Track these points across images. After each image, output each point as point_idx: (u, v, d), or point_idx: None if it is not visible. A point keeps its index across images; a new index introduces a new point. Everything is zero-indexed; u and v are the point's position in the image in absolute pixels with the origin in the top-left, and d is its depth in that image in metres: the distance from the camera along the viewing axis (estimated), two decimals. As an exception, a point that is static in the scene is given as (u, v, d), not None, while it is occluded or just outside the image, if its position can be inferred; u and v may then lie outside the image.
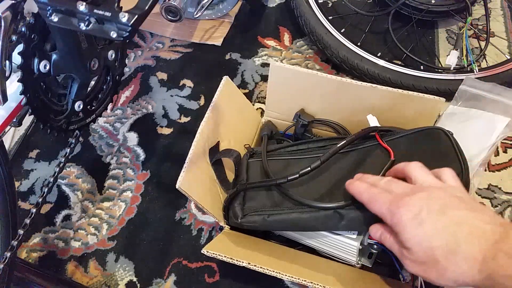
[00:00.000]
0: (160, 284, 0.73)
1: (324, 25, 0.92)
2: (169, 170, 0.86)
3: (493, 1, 1.06)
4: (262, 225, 0.59)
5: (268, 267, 0.55)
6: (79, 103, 0.64)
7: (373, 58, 0.89)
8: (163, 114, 0.93)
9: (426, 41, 0.99)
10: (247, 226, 0.61)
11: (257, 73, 0.98)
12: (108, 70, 0.69)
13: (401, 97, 0.64)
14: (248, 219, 0.60)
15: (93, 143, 0.90)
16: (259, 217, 0.59)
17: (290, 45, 1.02)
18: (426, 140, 0.58)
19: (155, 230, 0.79)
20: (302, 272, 0.56)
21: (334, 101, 0.69)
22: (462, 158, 0.53)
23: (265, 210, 0.60)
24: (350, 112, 0.69)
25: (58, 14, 0.47)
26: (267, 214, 0.59)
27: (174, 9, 0.70)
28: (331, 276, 0.57)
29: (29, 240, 0.80)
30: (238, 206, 0.62)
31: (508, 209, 0.76)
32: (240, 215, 0.61)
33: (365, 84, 0.64)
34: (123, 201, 0.83)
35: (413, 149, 0.58)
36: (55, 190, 0.85)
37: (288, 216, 0.57)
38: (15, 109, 0.58)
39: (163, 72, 0.99)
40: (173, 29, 1.06)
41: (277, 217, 0.58)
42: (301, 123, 0.71)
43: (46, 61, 0.55)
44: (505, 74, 0.85)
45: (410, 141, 0.59)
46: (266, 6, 1.09)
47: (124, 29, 0.45)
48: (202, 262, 0.75)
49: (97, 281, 0.74)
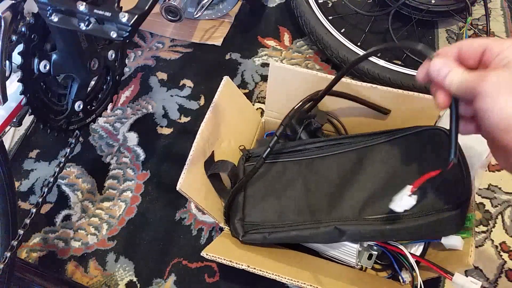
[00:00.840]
0: (160, 284, 0.73)
1: (324, 25, 0.92)
2: (169, 170, 0.86)
3: (493, 1, 1.06)
4: (263, 242, 0.60)
5: (267, 270, 0.55)
6: (79, 103, 0.64)
7: (373, 58, 0.88)
8: (163, 114, 0.93)
9: (426, 41, 0.99)
10: (248, 243, 0.62)
11: (257, 73, 0.98)
12: (108, 70, 0.69)
13: (401, 97, 0.63)
14: (249, 237, 0.61)
15: (93, 143, 0.90)
16: (259, 235, 0.60)
17: (290, 45, 1.02)
18: (425, 140, 0.58)
19: (155, 230, 0.79)
20: (301, 275, 0.56)
21: (334, 101, 0.69)
22: (463, 162, 0.52)
23: (265, 227, 0.60)
24: (350, 112, 0.69)
25: (58, 14, 0.47)
26: (267, 232, 0.59)
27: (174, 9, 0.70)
28: (330, 278, 0.58)
29: (29, 240, 0.80)
30: (238, 223, 0.62)
31: (508, 209, 0.76)
32: (241, 234, 0.61)
33: (365, 84, 0.64)
34: (123, 201, 0.82)
35: (412, 150, 0.58)
36: (55, 190, 0.85)
37: (288, 234, 0.58)
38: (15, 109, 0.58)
39: (163, 72, 0.99)
40: (173, 29, 1.06)
41: (277, 235, 0.59)
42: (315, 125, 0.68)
43: (46, 61, 0.55)
44: (505, 74, 0.85)
45: (408, 141, 0.59)
46: (266, 6, 1.09)
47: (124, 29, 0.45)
48: (202, 262, 0.75)
49: (97, 281, 0.74)
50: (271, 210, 0.61)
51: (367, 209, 0.54)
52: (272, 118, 0.77)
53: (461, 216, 0.52)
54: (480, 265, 0.71)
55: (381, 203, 0.54)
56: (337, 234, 0.55)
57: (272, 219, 0.60)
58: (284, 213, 0.60)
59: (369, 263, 0.63)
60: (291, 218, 0.59)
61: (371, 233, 0.53)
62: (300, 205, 0.60)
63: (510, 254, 0.72)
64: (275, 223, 0.60)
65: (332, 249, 0.63)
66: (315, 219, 0.57)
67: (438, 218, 0.50)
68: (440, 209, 0.50)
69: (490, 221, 0.75)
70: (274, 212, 0.61)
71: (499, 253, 0.72)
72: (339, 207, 0.57)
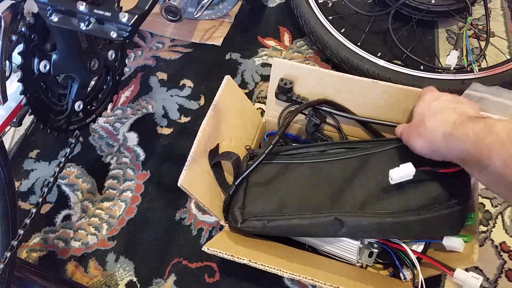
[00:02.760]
0: (160, 284, 0.73)
1: (324, 25, 0.92)
2: (169, 170, 0.86)
3: (493, 1, 1.06)
4: (262, 231, 0.60)
5: (268, 265, 0.55)
6: (79, 103, 0.64)
7: (373, 58, 0.88)
8: (163, 114, 0.93)
9: (426, 41, 0.99)
10: (246, 230, 0.61)
11: (257, 73, 0.98)
12: (108, 70, 0.69)
13: (402, 92, 0.64)
14: (248, 224, 0.60)
15: (93, 143, 0.90)
16: (259, 222, 0.59)
17: (290, 45, 1.02)
18: None
19: (155, 230, 0.79)
20: (303, 270, 0.56)
21: (335, 97, 0.69)
22: None
23: (265, 215, 0.60)
24: (352, 108, 0.69)
25: (58, 14, 0.47)
26: (267, 219, 0.59)
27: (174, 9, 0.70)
28: (331, 274, 0.58)
29: (29, 240, 0.79)
30: (237, 211, 0.62)
31: (508, 209, 0.76)
32: (240, 220, 0.61)
33: (367, 79, 0.65)
34: (123, 201, 0.83)
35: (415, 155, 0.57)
36: (55, 190, 0.85)
37: (289, 222, 0.58)
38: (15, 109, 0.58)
39: (163, 72, 0.99)
40: (173, 29, 1.06)
41: (277, 222, 0.58)
42: (313, 122, 0.69)
43: (46, 61, 0.55)
44: (505, 74, 0.85)
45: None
46: (266, 6, 1.09)
47: (124, 29, 0.45)
48: (202, 262, 0.75)
49: (97, 281, 0.74)
50: (272, 202, 0.61)
51: (367, 206, 0.55)
52: (273, 118, 0.77)
53: (461, 214, 0.52)
54: (480, 265, 0.71)
55: (382, 202, 0.54)
56: (337, 225, 0.55)
57: (272, 209, 0.60)
58: (284, 206, 0.60)
59: (369, 260, 0.63)
60: (292, 210, 0.59)
61: (371, 226, 0.53)
62: (301, 200, 0.60)
63: (510, 254, 0.72)
64: (275, 212, 0.59)
65: (333, 246, 0.63)
66: (316, 211, 0.57)
67: (439, 214, 0.51)
68: (441, 206, 0.51)
69: (490, 221, 0.75)
70: (274, 204, 0.61)
71: (499, 253, 0.72)
72: (340, 203, 0.57)
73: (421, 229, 0.53)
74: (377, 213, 0.53)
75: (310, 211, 0.57)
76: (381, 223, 0.53)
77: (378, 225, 0.53)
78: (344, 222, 0.54)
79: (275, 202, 0.61)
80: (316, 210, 0.57)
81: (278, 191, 0.62)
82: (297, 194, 0.61)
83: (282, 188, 0.63)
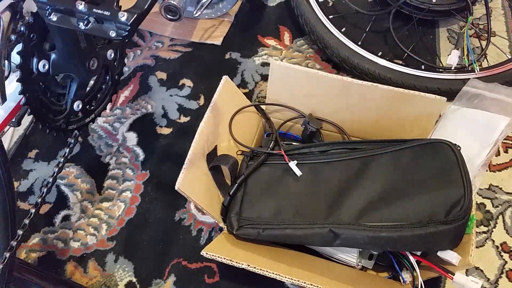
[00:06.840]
0: (160, 284, 0.73)
1: (325, 24, 0.92)
2: (168, 170, 0.85)
3: (494, 0, 1.06)
4: (257, 239, 0.60)
5: (268, 269, 0.54)
6: (78, 103, 0.64)
7: (374, 57, 0.88)
8: (162, 114, 0.93)
9: (427, 40, 0.99)
10: (242, 237, 0.62)
11: (257, 73, 0.97)
12: (107, 70, 0.68)
13: (402, 96, 0.63)
14: (243, 232, 0.61)
15: (92, 143, 0.90)
16: (253, 230, 0.60)
17: (290, 44, 1.01)
18: (431, 154, 0.57)
19: (154, 230, 0.79)
20: (302, 274, 0.55)
21: (334, 100, 0.69)
22: (466, 179, 0.52)
23: (260, 223, 0.60)
24: (351, 111, 0.69)
25: (57, 13, 0.47)
26: (261, 228, 0.59)
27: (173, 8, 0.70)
28: (331, 278, 0.57)
29: (28, 241, 0.79)
30: (234, 217, 0.62)
31: (509, 209, 0.76)
32: (235, 227, 0.61)
33: (366, 83, 0.64)
34: (123, 201, 0.82)
35: (416, 163, 0.57)
36: (54, 190, 0.85)
37: (283, 231, 0.58)
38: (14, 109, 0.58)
39: (162, 72, 0.99)
40: (172, 28, 1.05)
41: (271, 231, 0.59)
42: (310, 130, 0.69)
43: (45, 61, 0.54)
44: (506, 74, 0.85)
45: (413, 154, 0.58)
46: (266, 5, 1.09)
47: (123, 28, 0.45)
48: (202, 262, 0.74)
49: (97, 282, 0.74)
50: (268, 209, 0.61)
51: (364, 217, 0.54)
52: (273, 118, 0.77)
53: (457, 232, 0.51)
54: (481, 265, 0.71)
55: (379, 212, 0.54)
56: (331, 237, 0.55)
57: (268, 216, 0.60)
58: (280, 213, 0.60)
59: (369, 263, 0.62)
60: (287, 218, 0.59)
61: (365, 239, 0.53)
62: (298, 207, 0.60)
63: (511, 255, 0.72)
64: (270, 220, 0.60)
65: (333, 249, 0.63)
66: (311, 221, 0.57)
67: (434, 230, 0.50)
68: (437, 222, 0.50)
69: (491, 222, 0.75)
70: (271, 210, 0.61)
71: (499, 254, 0.72)
72: (337, 213, 0.56)
73: (416, 244, 0.52)
74: (372, 226, 0.53)
75: (305, 220, 0.57)
76: (376, 237, 0.52)
77: (372, 239, 0.53)
78: (338, 234, 0.54)
79: (272, 207, 0.61)
80: (311, 219, 0.57)
81: (275, 195, 0.62)
82: (295, 200, 0.61)
83: (280, 192, 0.63)
